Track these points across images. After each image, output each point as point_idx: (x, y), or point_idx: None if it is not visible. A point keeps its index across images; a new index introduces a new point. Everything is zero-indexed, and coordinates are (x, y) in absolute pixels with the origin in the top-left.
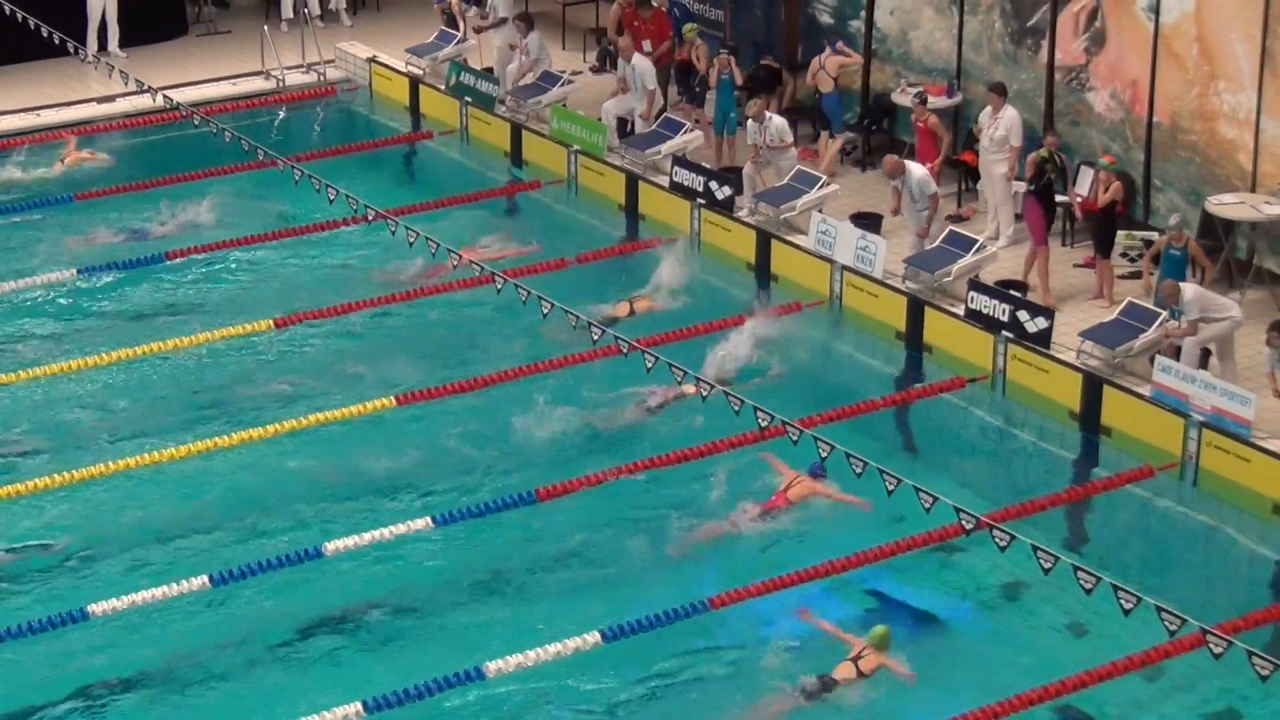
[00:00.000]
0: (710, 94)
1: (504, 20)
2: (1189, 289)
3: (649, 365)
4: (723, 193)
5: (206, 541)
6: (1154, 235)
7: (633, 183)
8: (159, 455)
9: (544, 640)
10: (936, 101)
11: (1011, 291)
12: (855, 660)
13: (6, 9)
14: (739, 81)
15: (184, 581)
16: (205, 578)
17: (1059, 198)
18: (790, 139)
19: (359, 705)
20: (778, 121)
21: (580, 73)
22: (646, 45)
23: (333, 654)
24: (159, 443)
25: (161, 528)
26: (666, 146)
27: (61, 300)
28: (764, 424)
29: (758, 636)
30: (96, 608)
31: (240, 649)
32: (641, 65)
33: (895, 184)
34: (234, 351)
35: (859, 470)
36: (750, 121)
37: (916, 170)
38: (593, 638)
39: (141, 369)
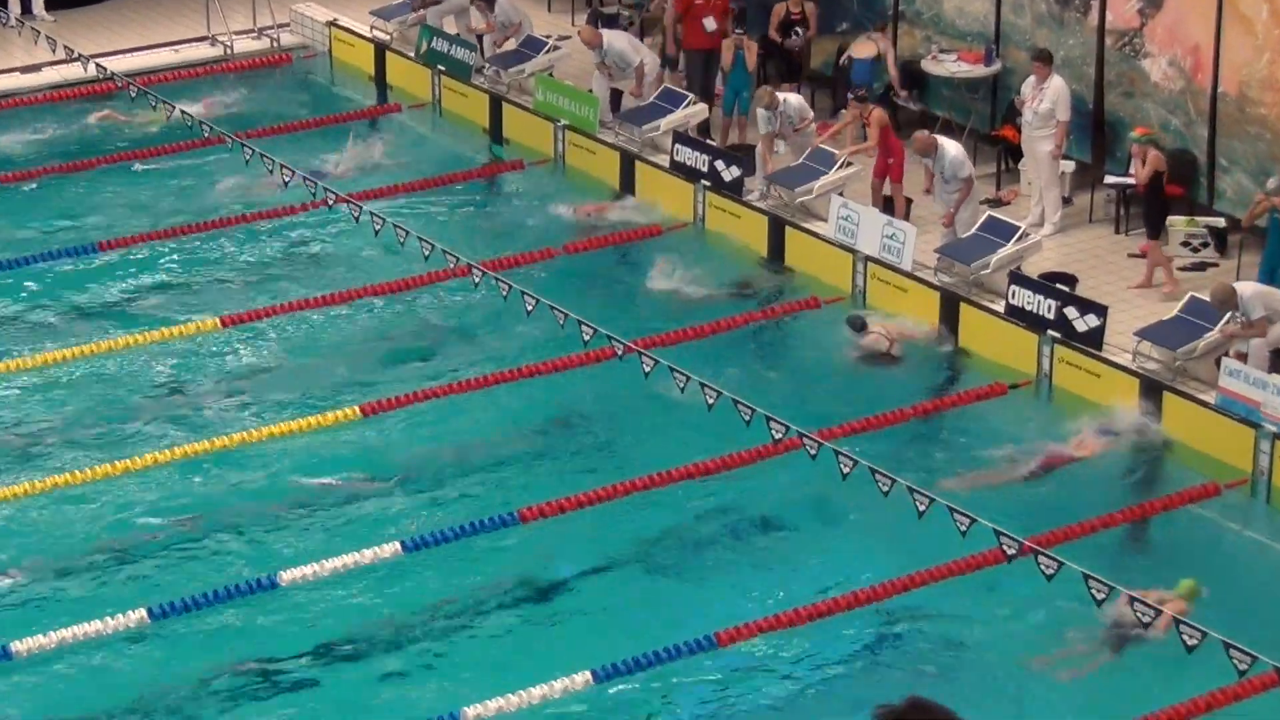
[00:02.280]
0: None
1: None
2: (1248, 286)
3: (647, 369)
4: (730, 173)
5: (144, 570)
6: (1218, 221)
7: (628, 162)
8: (87, 473)
9: (528, 681)
10: (972, 70)
11: (1058, 285)
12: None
13: None
14: (752, 65)
15: (118, 616)
16: (143, 611)
17: (1113, 178)
18: (810, 115)
19: None
20: (795, 101)
21: (568, 37)
22: (709, 22)
23: (288, 699)
24: (87, 458)
25: (91, 554)
26: (666, 121)
27: None
28: (777, 436)
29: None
30: (19, 646)
31: (181, 693)
32: (615, 44)
33: (926, 162)
34: (174, 354)
35: (886, 488)
36: (762, 111)
37: (950, 147)
38: (582, 678)
39: (67, 375)
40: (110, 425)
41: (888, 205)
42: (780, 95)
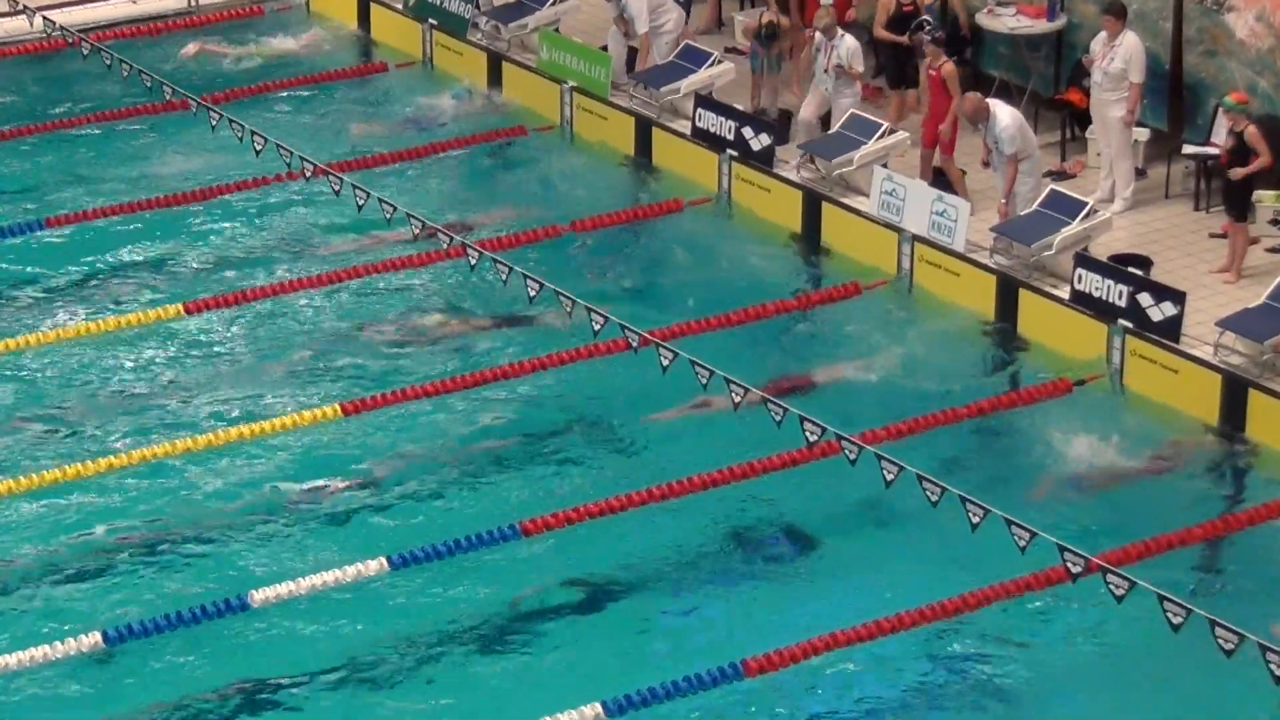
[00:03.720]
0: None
1: None
2: None
3: (665, 363)
4: (760, 141)
5: (98, 587)
6: None
7: (644, 129)
8: (33, 479)
9: (531, 713)
10: (1033, 25)
11: (1130, 269)
12: None
13: None
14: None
15: (70, 640)
16: (98, 635)
17: (1192, 148)
18: (860, 68)
19: None
20: (850, 42)
21: None
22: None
23: None
24: (31, 462)
25: (38, 570)
26: (687, 83)
27: None
28: (813, 438)
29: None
30: None
31: None
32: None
33: (982, 130)
34: (137, 343)
35: (935, 498)
36: (819, 36)
37: (1003, 115)
38: (592, 711)
39: (9, 368)
40: (61, 424)
41: (939, 178)
42: (839, 29)
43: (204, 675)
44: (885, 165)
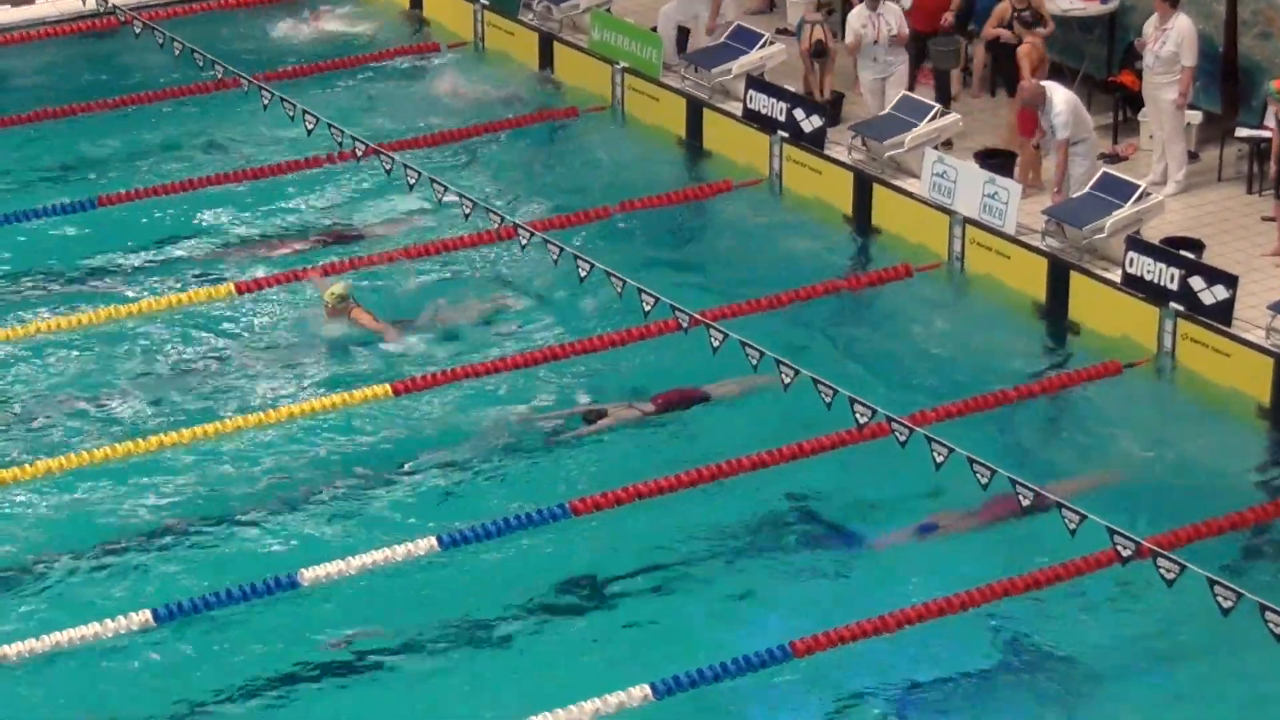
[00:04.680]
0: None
1: None
2: None
3: (715, 344)
4: (811, 123)
5: (149, 566)
6: None
7: (695, 110)
8: (86, 456)
9: (578, 695)
10: (1088, 7)
11: (1182, 252)
12: None
13: None
14: None
15: (120, 618)
16: (148, 613)
17: (1246, 131)
18: (907, 32)
19: None
20: (896, 8)
21: None
22: None
23: (305, 711)
24: (85, 440)
25: (90, 546)
26: (739, 64)
27: None
28: (863, 420)
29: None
30: (9, 650)
31: (189, 706)
32: None
33: (1040, 114)
34: (188, 323)
35: (985, 480)
36: (863, 11)
37: (1058, 99)
38: (640, 692)
39: (66, 345)
40: (113, 403)
41: (1011, 161)
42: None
43: (254, 653)
44: (937, 147)
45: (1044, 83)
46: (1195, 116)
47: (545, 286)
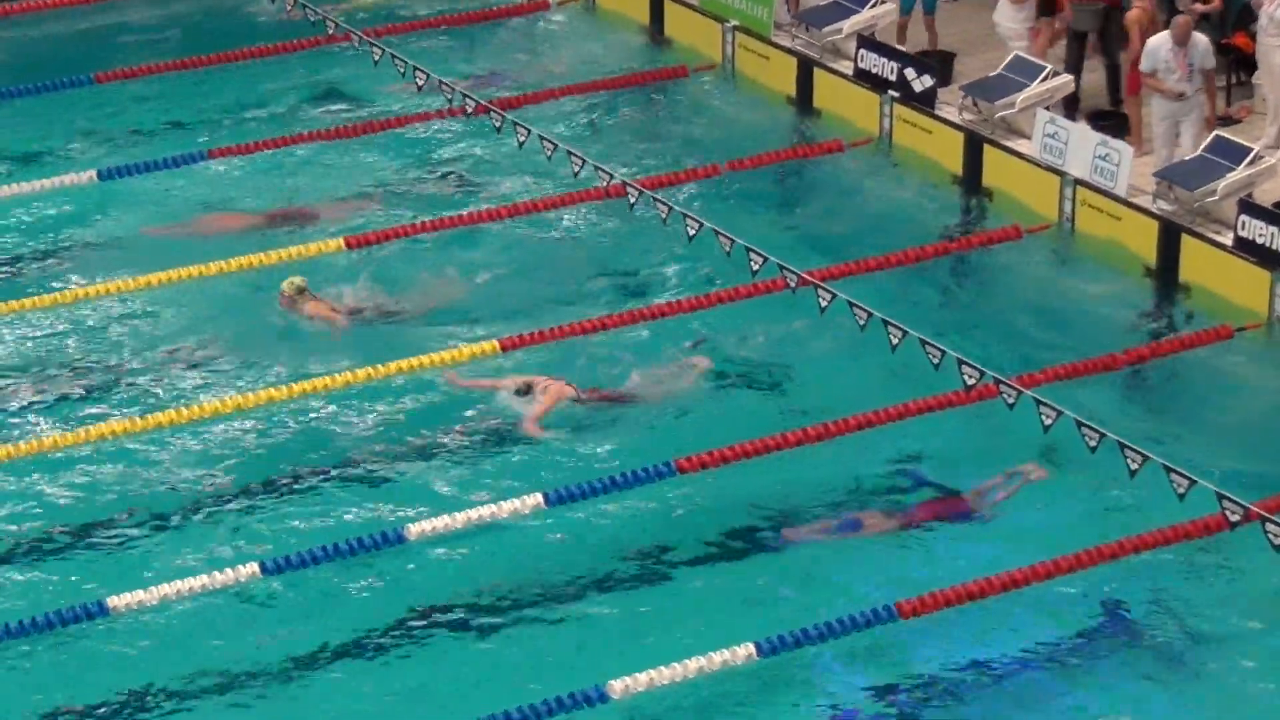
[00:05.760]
0: None
1: None
2: None
3: (823, 304)
4: (922, 83)
5: (255, 520)
6: None
7: (806, 69)
8: (195, 410)
9: (682, 652)
10: None
11: None
12: None
13: None
14: None
15: (228, 570)
16: (255, 565)
17: None
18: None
19: None
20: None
21: None
22: None
23: (413, 666)
24: (195, 393)
25: (196, 500)
26: (850, 23)
27: (77, 208)
28: (970, 381)
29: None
30: (117, 601)
31: (298, 655)
32: None
33: (1176, 56)
34: (301, 273)
35: (1093, 443)
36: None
37: (1201, 40)
38: (745, 651)
39: (186, 294)
40: (223, 355)
41: (1123, 123)
42: None
43: (359, 606)
44: (1049, 108)
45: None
46: None
47: (653, 244)
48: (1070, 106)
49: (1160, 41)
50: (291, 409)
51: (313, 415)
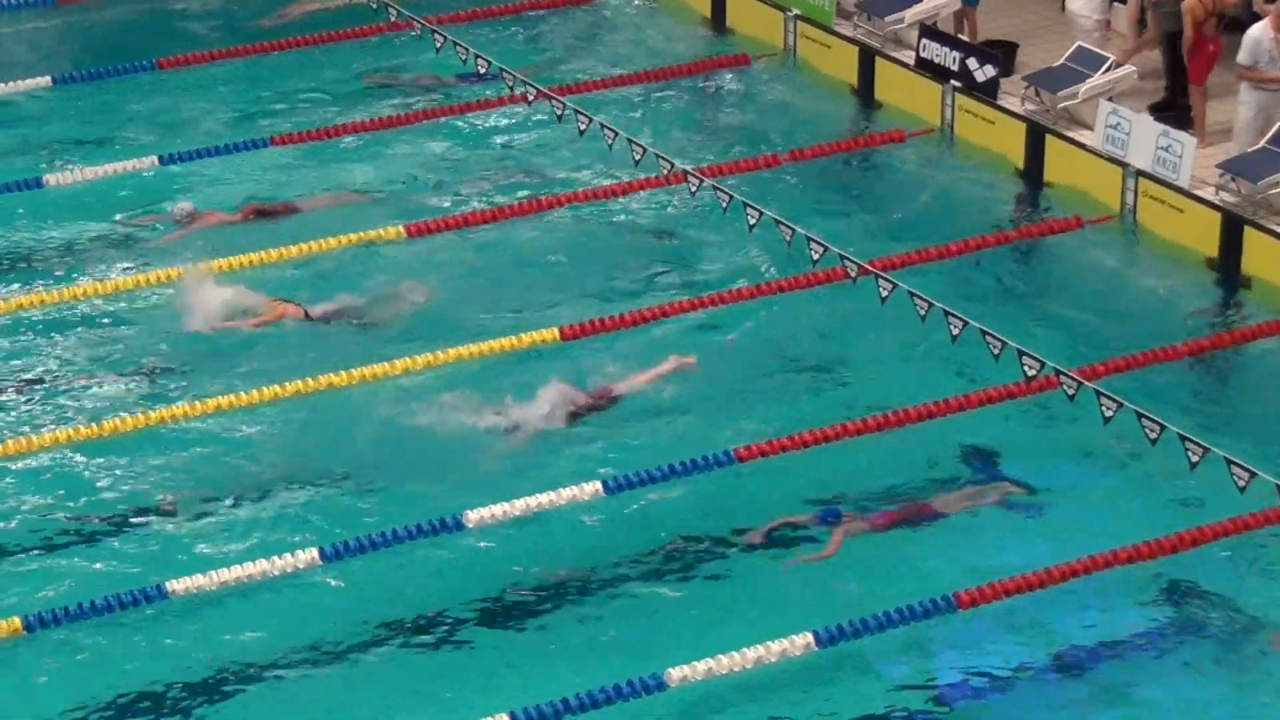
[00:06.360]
0: None
1: None
2: None
3: (884, 294)
4: (984, 73)
5: (315, 505)
6: None
7: (868, 59)
8: (256, 395)
9: (740, 641)
10: None
11: None
12: None
13: None
14: None
15: (286, 556)
16: (315, 551)
17: None
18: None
19: (505, 718)
20: None
21: None
22: None
23: (472, 650)
24: (258, 379)
25: (258, 486)
26: (912, 12)
27: (135, 195)
28: (1031, 373)
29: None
30: (176, 585)
31: (357, 640)
32: None
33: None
34: (358, 262)
35: (1154, 435)
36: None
37: (1254, 28)
38: (803, 640)
39: (250, 278)
40: (281, 341)
41: (1183, 115)
42: None
43: (418, 591)
44: (1111, 99)
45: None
46: None
47: (713, 233)
48: (1169, 108)
49: (1260, 32)
50: (354, 394)
51: (374, 401)
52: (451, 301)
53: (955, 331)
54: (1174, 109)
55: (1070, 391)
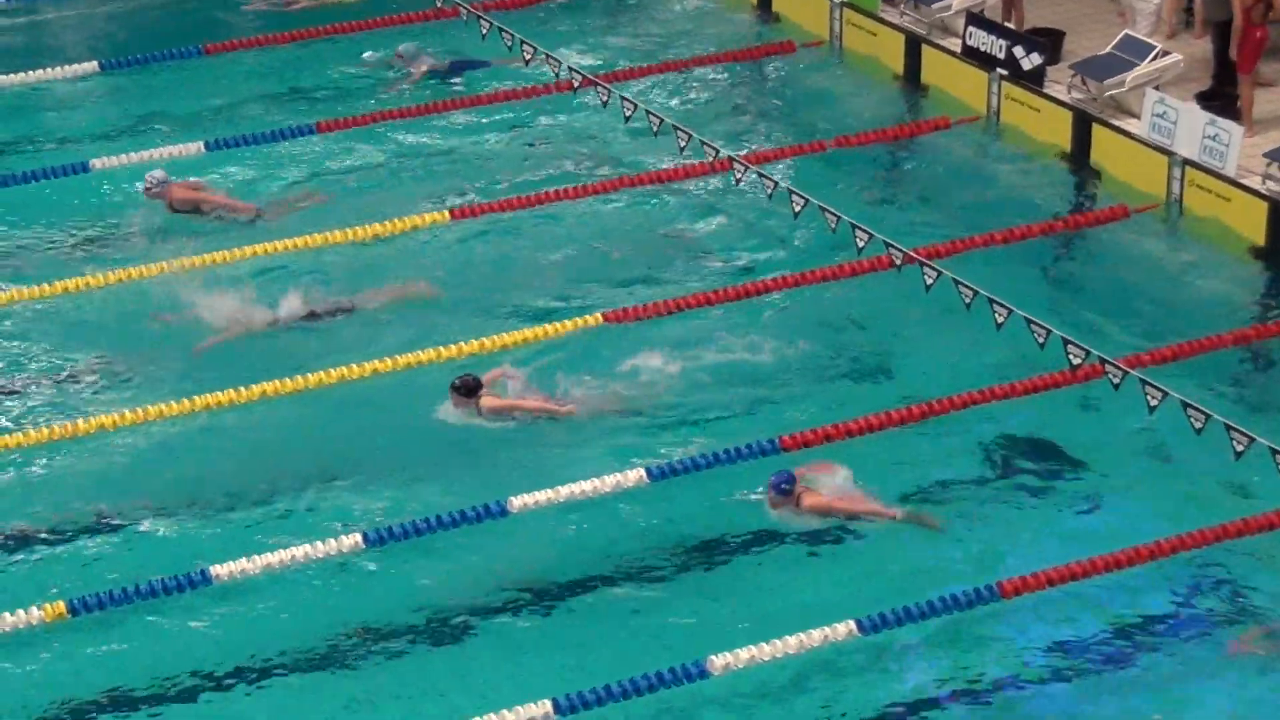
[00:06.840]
0: None
1: None
2: None
3: (929, 281)
4: (1030, 61)
5: (359, 490)
6: None
7: (914, 46)
8: (301, 381)
9: (783, 629)
10: None
11: None
12: None
13: None
14: None
15: (331, 541)
16: (359, 536)
17: None
18: None
19: (548, 705)
20: None
21: None
22: None
23: (514, 636)
24: (294, 366)
25: (301, 473)
26: (959, 0)
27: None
28: (1076, 361)
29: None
30: (220, 570)
31: (399, 625)
32: None
33: None
34: (398, 248)
35: (1199, 425)
36: None
37: None
38: (845, 628)
39: (297, 261)
40: (334, 323)
41: (1230, 102)
42: None
43: (462, 577)
44: (1158, 87)
45: None
46: None
47: (758, 220)
48: (1216, 97)
49: None
50: (395, 381)
51: (415, 388)
52: (493, 285)
53: (1000, 319)
54: (1221, 97)
55: (1115, 380)
